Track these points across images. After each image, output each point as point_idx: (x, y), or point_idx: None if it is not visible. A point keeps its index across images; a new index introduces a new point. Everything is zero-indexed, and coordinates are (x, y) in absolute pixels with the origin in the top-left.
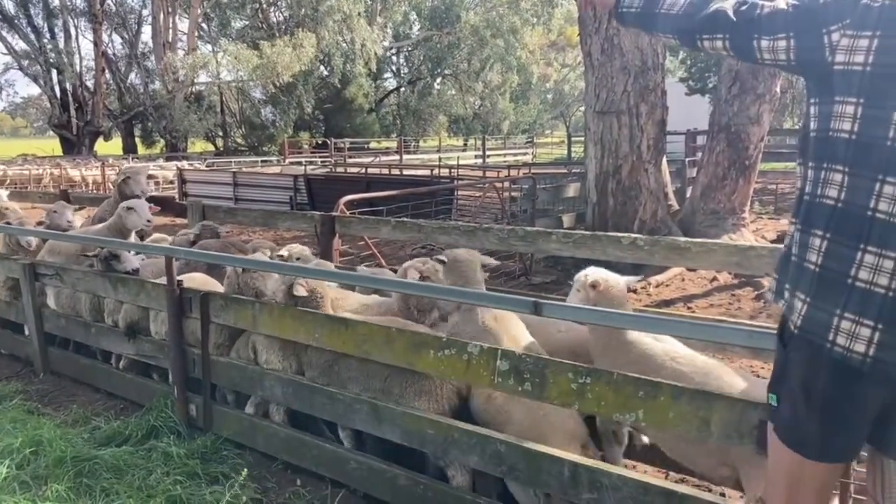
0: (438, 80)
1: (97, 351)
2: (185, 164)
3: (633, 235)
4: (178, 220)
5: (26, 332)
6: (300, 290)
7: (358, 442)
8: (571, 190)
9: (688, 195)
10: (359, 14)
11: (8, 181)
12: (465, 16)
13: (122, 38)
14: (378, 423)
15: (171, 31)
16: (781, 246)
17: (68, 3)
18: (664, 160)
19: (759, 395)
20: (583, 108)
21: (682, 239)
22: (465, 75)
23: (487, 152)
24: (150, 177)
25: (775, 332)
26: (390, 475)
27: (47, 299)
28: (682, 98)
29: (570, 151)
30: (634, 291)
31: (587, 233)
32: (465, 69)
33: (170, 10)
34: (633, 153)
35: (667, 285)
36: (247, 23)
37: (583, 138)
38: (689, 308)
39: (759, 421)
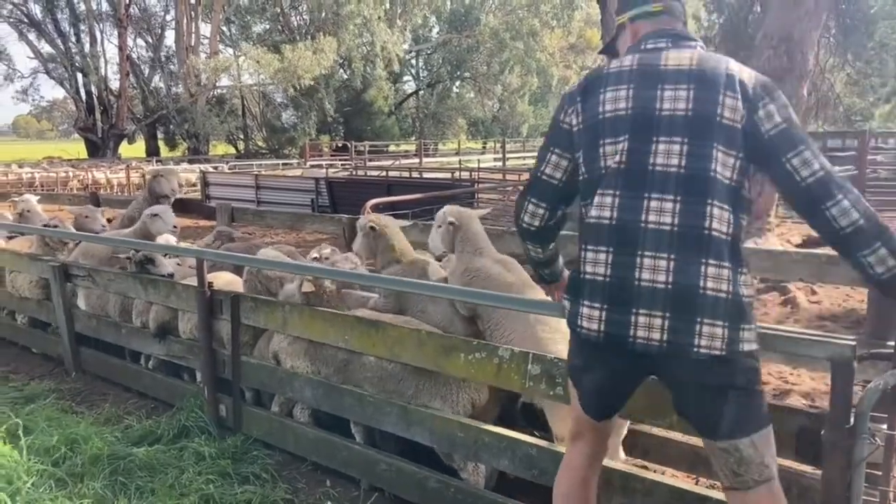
0: (457, 82)
1: (126, 351)
2: (208, 166)
3: None
4: (202, 222)
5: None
6: (306, 286)
7: (371, 438)
8: None
9: None
10: (379, 17)
11: (36, 183)
12: (484, 19)
13: (147, 42)
14: (407, 425)
15: (193, 35)
16: (815, 251)
17: (94, 8)
18: None
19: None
20: None
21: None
22: (485, 78)
23: (507, 155)
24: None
25: (810, 336)
26: (420, 477)
27: (78, 300)
28: None
29: None
30: None
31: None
32: (484, 72)
33: (192, 14)
34: None
35: None
36: (268, 26)
37: None
38: None
39: (798, 428)
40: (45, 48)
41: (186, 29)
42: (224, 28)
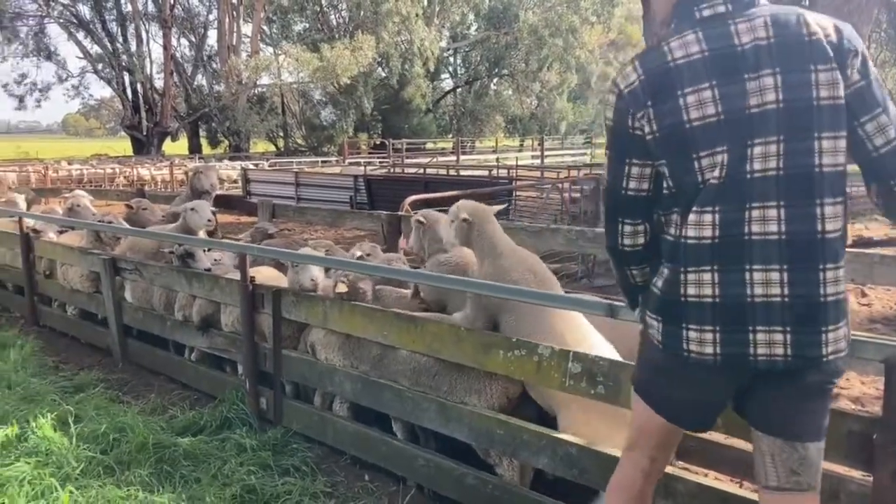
0: (495, 80)
1: (170, 343)
2: (248, 164)
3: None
4: (244, 218)
5: (105, 322)
6: (339, 287)
7: (412, 434)
8: None
9: None
10: (417, 15)
11: (84, 179)
12: (523, 15)
13: (190, 41)
14: (446, 421)
15: (235, 34)
16: (866, 251)
17: (140, 9)
18: None
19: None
20: None
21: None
22: (523, 75)
23: (545, 152)
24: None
25: (864, 338)
26: (458, 474)
27: (125, 293)
28: None
29: None
30: None
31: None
32: (522, 69)
33: (234, 14)
34: None
35: None
36: (307, 25)
37: None
38: None
39: (848, 432)
40: (94, 48)
41: (228, 28)
42: (265, 27)
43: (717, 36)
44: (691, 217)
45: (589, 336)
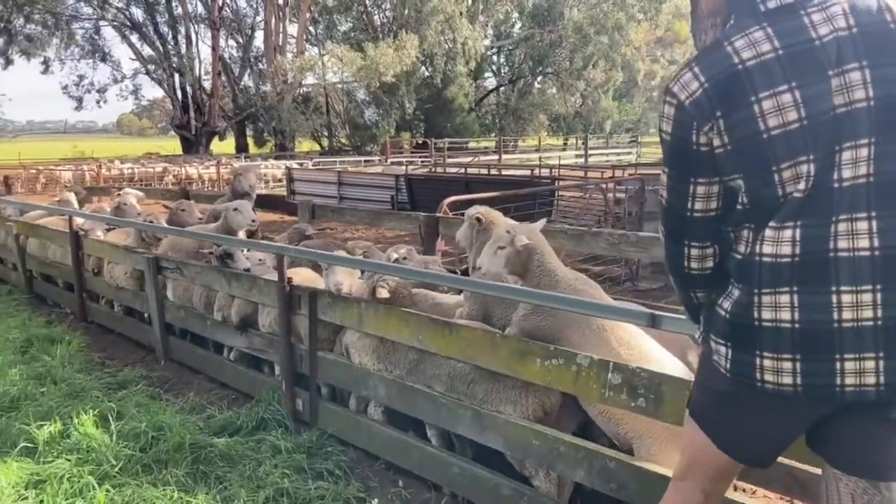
0: (539, 78)
1: (210, 342)
2: (293, 163)
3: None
4: (287, 218)
5: (147, 320)
6: (381, 293)
7: (448, 442)
8: None
9: None
10: (461, 14)
11: (135, 178)
12: (568, 13)
13: (238, 42)
14: (481, 429)
15: (281, 35)
16: None
17: (190, 11)
18: None
19: None
20: None
21: None
22: (567, 73)
23: (589, 151)
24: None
25: None
26: (493, 483)
27: (167, 291)
28: None
29: None
30: None
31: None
32: (566, 67)
33: (280, 15)
34: None
35: None
36: (352, 25)
37: None
38: None
39: None
40: (146, 50)
41: (274, 29)
42: (310, 28)
43: (790, 30)
44: (768, 233)
45: (653, 353)
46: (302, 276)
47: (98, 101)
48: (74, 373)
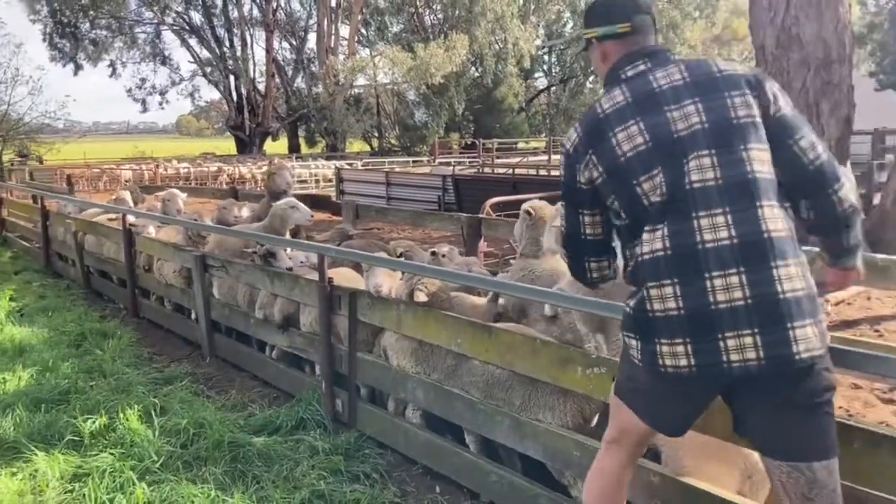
0: (591, 78)
1: (254, 340)
2: (343, 163)
3: (816, 249)
4: (334, 217)
5: (192, 317)
6: (419, 297)
7: (487, 448)
8: None
9: (875, 202)
10: (512, 14)
11: (190, 177)
12: None
13: (291, 44)
14: (520, 438)
15: (333, 37)
16: None
17: (246, 14)
18: (848, 163)
19: None
20: None
21: (880, 256)
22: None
23: None
24: (299, 177)
25: None
26: (532, 493)
27: (213, 289)
28: (871, 94)
29: None
30: None
31: None
32: None
33: (333, 17)
34: None
35: (849, 303)
36: (403, 26)
37: None
38: (876, 331)
39: None
40: (203, 53)
41: (327, 31)
42: (362, 29)
43: (638, 85)
44: (645, 236)
45: None
46: (343, 277)
47: (161, 103)
48: (123, 367)
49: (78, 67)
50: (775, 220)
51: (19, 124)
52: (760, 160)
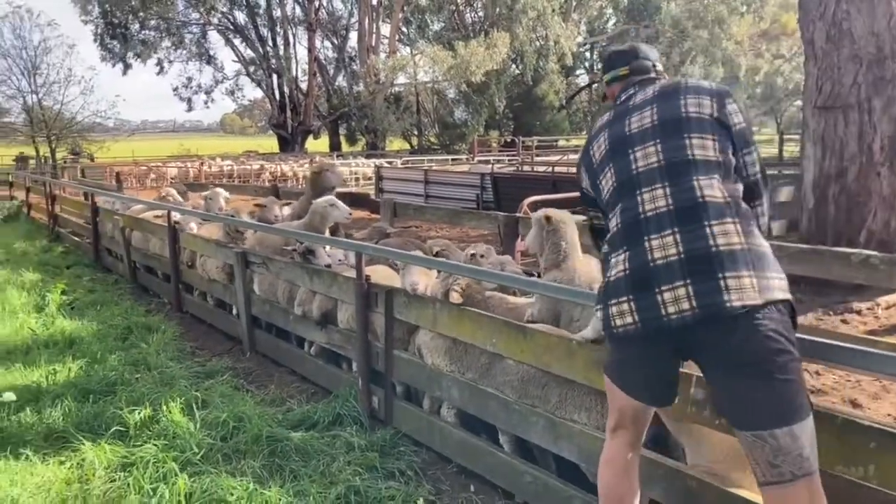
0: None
1: (293, 336)
2: (382, 161)
3: (866, 252)
4: (372, 215)
5: (234, 312)
6: (454, 297)
7: (522, 448)
8: (783, 194)
9: None
10: (553, 11)
11: (234, 175)
12: (665, 7)
13: (332, 43)
14: (554, 438)
15: (374, 35)
16: None
17: (288, 14)
18: None
19: None
20: (799, 103)
21: None
22: (664, 70)
23: None
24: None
25: None
26: (566, 495)
27: (254, 285)
28: None
29: (781, 151)
30: (858, 313)
31: (806, 247)
32: (663, 63)
33: (374, 15)
34: (862, 154)
35: None
36: (444, 24)
37: (797, 136)
38: None
39: None
40: (247, 52)
41: (368, 30)
42: (403, 28)
43: (622, 107)
44: (610, 220)
45: None
46: (380, 275)
47: (206, 102)
48: (167, 361)
49: (127, 67)
50: (711, 188)
51: (72, 123)
52: (702, 146)
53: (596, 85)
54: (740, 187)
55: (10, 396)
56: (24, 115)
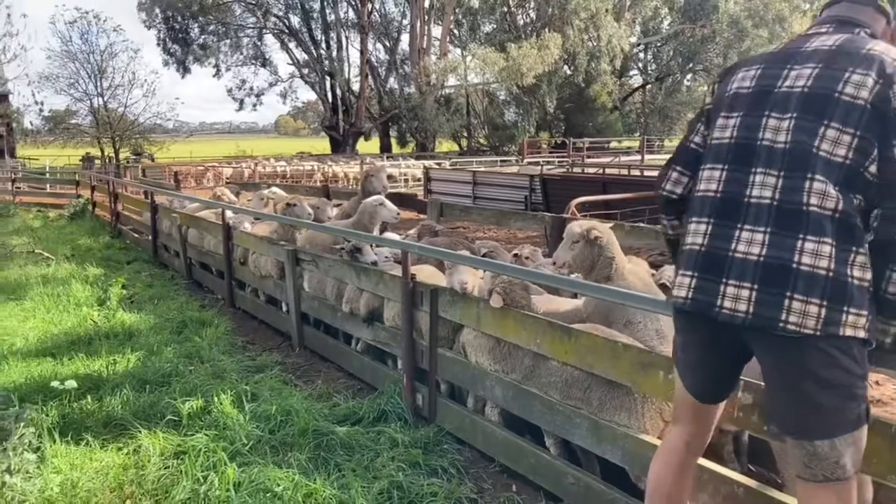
0: (689, 75)
1: (340, 333)
2: (431, 163)
3: None
4: (420, 216)
5: (284, 309)
6: (495, 301)
7: (567, 449)
8: None
9: None
10: (606, 11)
11: (287, 175)
12: (723, 6)
13: (384, 45)
14: (598, 441)
15: (426, 37)
16: None
17: (342, 16)
18: None
19: None
20: None
21: None
22: (720, 70)
23: None
24: (389, 177)
25: None
26: (609, 498)
27: (303, 282)
28: None
29: None
30: None
31: None
32: (720, 64)
33: (426, 17)
34: None
35: None
36: (495, 26)
37: None
38: None
39: None
40: (301, 55)
41: (420, 32)
42: (454, 30)
43: (797, 42)
44: (704, 172)
45: None
46: (426, 273)
47: (257, 105)
48: (219, 354)
49: (186, 71)
50: (823, 196)
51: (134, 124)
52: (835, 141)
53: (650, 86)
54: (861, 197)
55: (72, 384)
56: (91, 116)
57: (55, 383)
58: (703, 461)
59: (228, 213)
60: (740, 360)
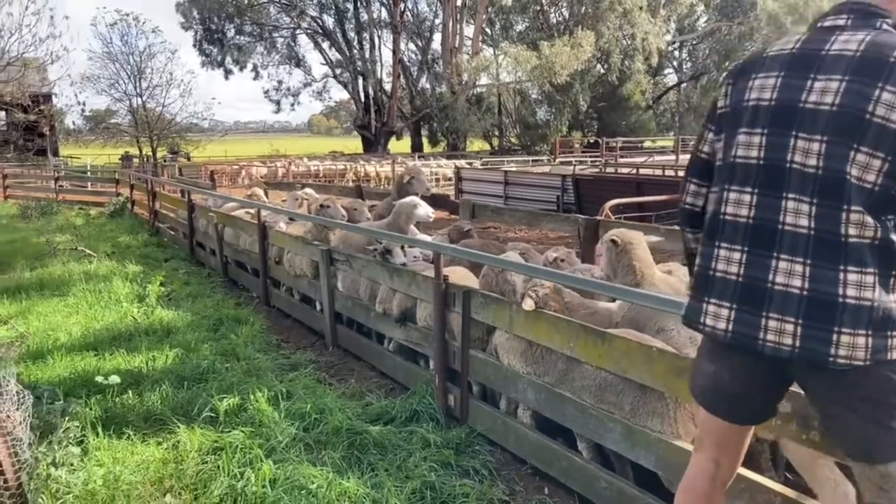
0: (725, 74)
1: (373, 332)
2: (462, 162)
3: None
4: (451, 216)
5: (317, 308)
6: (527, 304)
7: (600, 453)
8: None
9: None
10: (641, 8)
11: (320, 174)
12: (761, 3)
13: (416, 45)
14: (631, 445)
15: (458, 36)
16: None
17: (374, 17)
18: None
19: None
20: None
21: None
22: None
23: None
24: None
25: None
26: (643, 502)
27: (337, 282)
28: None
29: None
30: None
31: None
32: None
33: (458, 16)
34: None
35: None
36: (528, 24)
37: None
38: None
39: None
40: (334, 55)
41: (452, 31)
42: (486, 29)
43: (815, 40)
44: (731, 195)
45: None
46: (458, 275)
47: (292, 105)
48: (255, 352)
49: (228, 72)
50: (857, 226)
51: (172, 124)
52: (865, 166)
53: (685, 85)
54: (893, 217)
55: (115, 379)
56: (130, 116)
57: (99, 378)
58: (739, 469)
59: (264, 213)
60: (782, 384)
